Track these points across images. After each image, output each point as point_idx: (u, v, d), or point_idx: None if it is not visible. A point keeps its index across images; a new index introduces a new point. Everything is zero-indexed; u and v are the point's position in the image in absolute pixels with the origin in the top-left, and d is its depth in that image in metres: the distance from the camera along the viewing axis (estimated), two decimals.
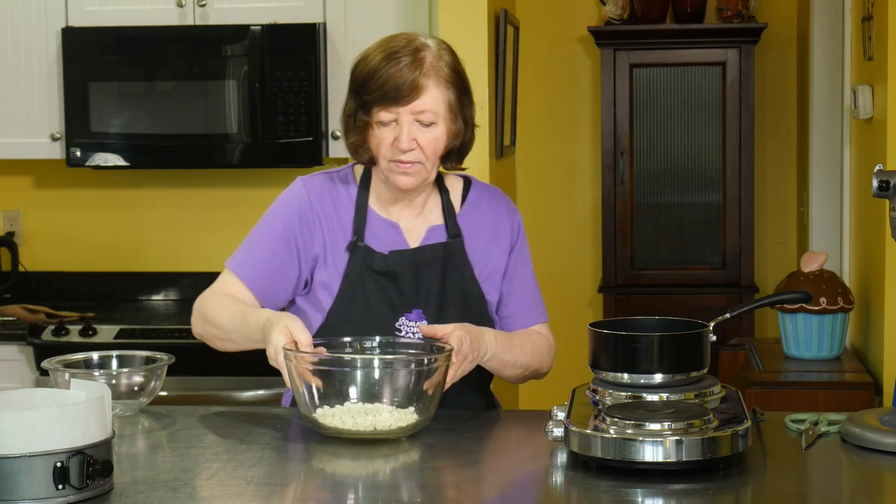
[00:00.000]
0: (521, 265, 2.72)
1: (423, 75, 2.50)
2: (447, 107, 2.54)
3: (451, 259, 2.63)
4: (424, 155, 2.54)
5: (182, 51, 4.38)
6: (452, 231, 2.65)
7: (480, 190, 2.74)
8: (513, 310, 2.71)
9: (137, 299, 4.83)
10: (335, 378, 2.33)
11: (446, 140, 2.56)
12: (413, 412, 2.34)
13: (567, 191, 5.84)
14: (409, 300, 2.60)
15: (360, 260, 2.60)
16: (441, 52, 2.55)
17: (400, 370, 2.34)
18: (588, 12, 5.75)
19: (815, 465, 2.24)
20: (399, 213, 2.66)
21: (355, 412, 2.32)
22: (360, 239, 2.61)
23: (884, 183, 2.40)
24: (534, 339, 2.70)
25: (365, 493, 2.12)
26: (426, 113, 2.51)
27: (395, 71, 2.49)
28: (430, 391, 2.35)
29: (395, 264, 2.60)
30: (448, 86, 2.53)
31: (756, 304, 2.52)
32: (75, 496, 1.99)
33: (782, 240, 5.73)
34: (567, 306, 5.70)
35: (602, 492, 2.08)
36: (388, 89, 2.50)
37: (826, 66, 4.84)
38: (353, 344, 2.51)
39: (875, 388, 3.66)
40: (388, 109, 2.51)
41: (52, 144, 4.48)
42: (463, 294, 2.63)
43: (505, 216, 2.71)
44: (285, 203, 2.67)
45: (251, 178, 4.74)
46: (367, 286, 2.59)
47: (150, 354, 2.69)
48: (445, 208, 2.67)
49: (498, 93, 4.35)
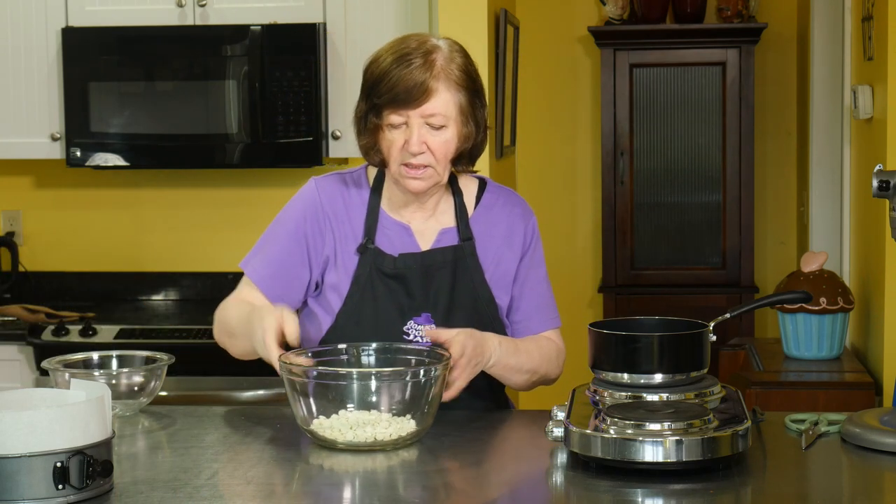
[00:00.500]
0: (533, 269, 2.69)
1: (434, 78, 2.48)
2: (458, 110, 2.52)
3: (461, 262, 2.61)
4: (435, 158, 2.52)
5: (182, 51, 4.38)
6: (464, 234, 2.63)
7: (495, 192, 2.71)
8: (524, 314, 2.68)
9: (137, 299, 4.83)
10: (331, 390, 2.31)
11: (457, 143, 2.54)
12: (411, 420, 2.32)
13: (567, 191, 5.84)
14: (418, 303, 2.59)
15: (370, 262, 2.59)
16: (453, 55, 2.52)
17: (396, 382, 2.32)
18: (588, 12, 5.75)
19: (815, 465, 2.24)
20: (411, 215, 2.64)
21: (353, 422, 2.30)
22: (370, 241, 2.60)
23: (884, 183, 2.40)
24: (541, 344, 2.68)
25: (365, 494, 2.12)
26: (436, 116, 2.49)
27: (405, 73, 2.47)
28: (428, 400, 2.34)
29: (405, 267, 2.59)
30: (459, 88, 2.51)
31: (756, 304, 2.52)
32: (75, 496, 1.99)
33: (782, 240, 5.73)
34: (567, 306, 5.67)
35: (602, 492, 2.08)
36: (399, 92, 2.47)
37: (826, 66, 4.84)
38: (350, 351, 2.49)
39: (875, 388, 3.66)
40: (398, 112, 2.49)
41: (52, 144, 4.48)
42: (473, 298, 2.61)
43: (519, 219, 2.68)
44: (297, 204, 2.66)
45: (251, 178, 4.75)
46: (377, 289, 2.58)
47: (150, 354, 2.69)
48: (458, 210, 2.65)
49: (498, 93, 4.36)
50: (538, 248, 2.71)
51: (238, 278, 2.73)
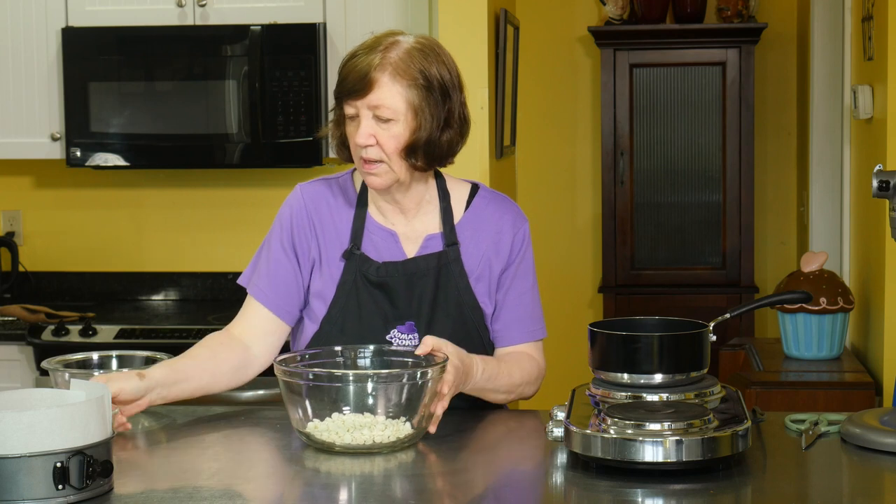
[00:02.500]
0: (518, 278, 2.65)
1: (379, 69, 2.47)
2: (407, 105, 2.49)
3: (445, 269, 2.59)
4: (384, 153, 2.50)
5: (182, 51, 4.38)
6: (449, 239, 2.61)
7: (486, 198, 2.68)
8: (503, 324, 2.65)
9: (137, 299, 4.83)
10: (326, 393, 2.30)
11: (408, 137, 2.50)
12: (406, 423, 2.31)
13: (567, 191, 5.84)
14: (401, 312, 2.57)
15: (355, 268, 2.58)
16: (413, 52, 2.50)
17: (392, 384, 2.31)
18: (588, 12, 5.75)
19: (815, 465, 2.24)
20: (395, 217, 2.62)
21: (349, 425, 2.29)
22: (356, 247, 2.59)
23: (884, 183, 2.40)
24: (523, 365, 2.64)
25: (364, 493, 2.12)
26: (382, 108, 2.48)
27: (354, 63, 2.49)
28: (424, 403, 2.33)
29: (388, 276, 2.57)
30: (410, 85, 2.48)
31: (756, 304, 2.52)
32: (75, 496, 1.99)
33: (782, 240, 5.73)
34: (567, 306, 5.71)
35: (602, 492, 2.08)
36: (349, 82, 2.49)
37: (826, 66, 4.84)
38: (346, 353, 2.48)
39: (875, 388, 3.66)
40: (349, 103, 2.51)
41: (52, 144, 4.48)
42: (457, 304, 2.59)
43: (508, 226, 2.65)
44: (284, 212, 2.66)
45: (251, 178, 4.75)
46: (361, 296, 2.57)
47: (150, 354, 2.69)
48: (443, 215, 2.63)
49: (498, 93, 4.36)
50: (527, 257, 2.67)
51: (237, 278, 2.74)
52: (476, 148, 4.01)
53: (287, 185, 4.47)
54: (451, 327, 2.57)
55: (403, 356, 2.46)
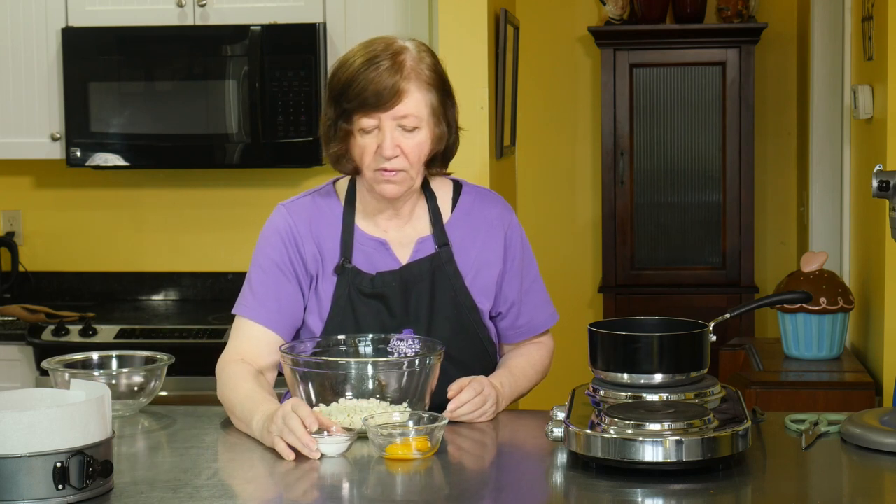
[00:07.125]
0: (526, 266, 2.67)
1: (405, 79, 2.44)
2: (430, 110, 2.48)
3: (439, 271, 2.58)
4: (409, 161, 2.47)
5: (182, 51, 4.38)
6: (440, 240, 2.59)
7: (472, 194, 2.66)
8: (528, 316, 2.67)
9: (137, 299, 4.83)
10: (328, 380, 2.37)
11: (430, 145, 2.50)
12: (407, 409, 2.36)
13: (567, 191, 5.84)
14: (399, 321, 2.56)
15: (348, 282, 2.56)
16: (421, 55, 2.49)
17: (393, 371, 2.36)
18: (588, 12, 5.75)
19: (815, 465, 2.24)
20: (387, 223, 2.59)
21: (350, 409, 2.33)
22: (347, 260, 2.56)
23: (884, 183, 2.40)
24: (535, 360, 2.68)
25: (364, 493, 2.12)
26: (409, 118, 2.45)
27: (374, 76, 2.43)
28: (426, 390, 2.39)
29: (383, 285, 2.56)
30: (430, 88, 2.47)
31: (756, 304, 2.52)
32: (75, 496, 1.99)
33: (782, 240, 5.73)
34: (567, 306, 5.69)
35: (602, 492, 2.08)
36: (369, 95, 2.43)
37: (826, 66, 4.83)
38: (348, 342, 2.53)
39: (875, 388, 3.66)
40: (369, 116, 2.45)
41: (52, 144, 4.48)
42: (454, 305, 2.58)
43: (498, 220, 2.64)
44: (271, 234, 2.59)
45: (251, 178, 4.75)
46: (357, 309, 2.56)
47: (150, 354, 2.69)
48: (432, 216, 2.61)
49: (498, 93, 4.35)
50: (525, 245, 2.68)
51: (237, 278, 2.73)
52: (476, 148, 4.01)
53: (287, 185, 4.47)
54: (450, 329, 2.57)
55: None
